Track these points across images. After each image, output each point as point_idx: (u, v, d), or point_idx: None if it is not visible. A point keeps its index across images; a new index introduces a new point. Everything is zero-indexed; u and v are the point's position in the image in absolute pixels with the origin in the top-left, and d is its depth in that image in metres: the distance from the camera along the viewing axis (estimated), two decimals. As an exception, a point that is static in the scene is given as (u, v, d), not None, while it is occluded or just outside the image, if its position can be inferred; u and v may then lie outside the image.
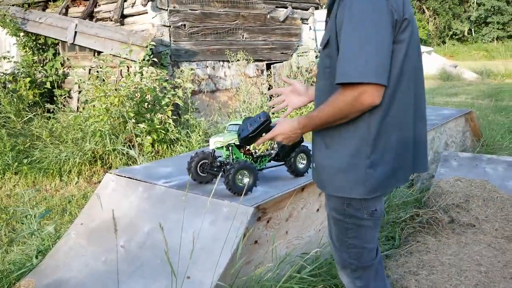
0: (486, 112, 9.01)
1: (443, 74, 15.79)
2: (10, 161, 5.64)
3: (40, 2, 9.18)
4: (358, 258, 2.01)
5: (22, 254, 3.18)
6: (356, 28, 1.68)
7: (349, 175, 1.87)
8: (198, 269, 2.35)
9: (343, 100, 1.72)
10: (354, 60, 1.66)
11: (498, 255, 3.32)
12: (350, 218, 1.94)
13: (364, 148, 1.83)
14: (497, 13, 29.83)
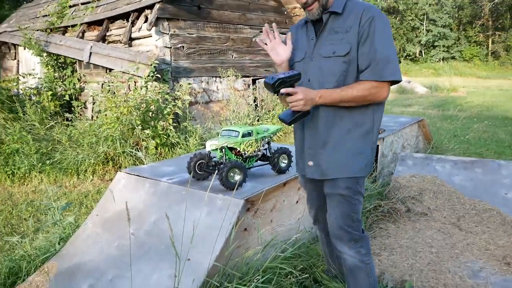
0: (435, 120, 9.15)
1: (399, 88, 15.94)
2: (35, 162, 5.60)
3: (61, 27, 9.12)
4: (359, 229, 2.13)
5: (46, 241, 3.15)
6: (387, 38, 1.92)
7: (363, 158, 2.04)
8: (197, 252, 2.35)
9: (373, 92, 1.93)
10: (394, 63, 1.90)
11: (446, 238, 3.36)
12: (357, 195, 2.07)
13: (371, 134, 2.04)
14: (443, 38, 30.25)
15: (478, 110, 10.74)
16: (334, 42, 1.97)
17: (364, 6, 1.96)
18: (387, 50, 1.89)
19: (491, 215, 3.58)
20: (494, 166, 4.01)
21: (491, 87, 18.41)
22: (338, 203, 2.08)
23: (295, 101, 1.91)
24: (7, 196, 4.95)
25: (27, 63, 10.18)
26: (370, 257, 2.18)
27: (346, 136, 2.01)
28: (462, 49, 30.48)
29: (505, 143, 6.94)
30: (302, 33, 2.19)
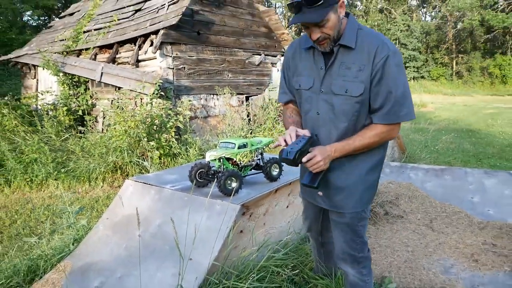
0: (408, 132, 9.20)
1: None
2: (51, 170, 5.54)
3: (75, 50, 9.09)
4: (363, 251, 1.97)
5: (61, 242, 3.10)
6: (401, 78, 1.68)
7: (371, 190, 1.90)
8: (198, 253, 2.31)
9: (384, 135, 1.75)
10: (407, 103, 1.70)
11: (421, 238, 3.35)
12: (363, 221, 1.91)
13: (381, 165, 1.88)
14: (413, 60, 30.57)
15: (445, 124, 10.83)
16: (346, 79, 1.71)
17: (378, 41, 1.69)
18: (401, 90, 1.67)
19: (459, 217, 3.58)
20: (461, 174, 4.02)
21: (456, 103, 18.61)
22: (343, 231, 1.94)
23: (315, 163, 1.70)
24: (26, 201, 4.88)
25: (45, 82, 10.11)
26: (371, 276, 2.06)
27: (359, 171, 1.85)
28: (430, 69, 30.81)
29: (470, 152, 6.99)
30: (307, 57, 1.88)
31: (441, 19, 31.81)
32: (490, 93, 24.49)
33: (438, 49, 31.72)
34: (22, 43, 16.42)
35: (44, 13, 25.29)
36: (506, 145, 7.53)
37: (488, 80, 27.65)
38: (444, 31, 31.62)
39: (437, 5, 32.56)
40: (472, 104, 18.23)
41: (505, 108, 15.68)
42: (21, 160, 5.68)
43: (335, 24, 1.65)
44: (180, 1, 7.45)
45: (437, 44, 31.79)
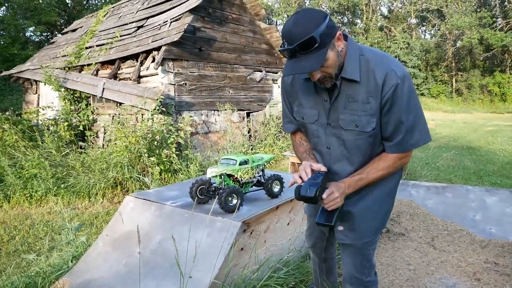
0: (408, 149, 9.20)
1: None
2: (51, 185, 5.52)
3: (77, 66, 9.18)
4: (370, 275, 1.91)
5: (60, 259, 3.08)
6: (412, 104, 1.59)
7: (385, 218, 1.86)
8: (198, 270, 2.30)
9: (398, 164, 1.67)
10: (420, 127, 1.61)
11: (422, 257, 3.33)
12: (374, 245, 1.86)
13: (395, 191, 1.84)
14: (413, 77, 30.80)
15: (446, 141, 10.85)
16: (355, 113, 1.61)
17: (385, 68, 1.56)
18: (412, 117, 1.58)
19: (461, 235, 3.56)
20: (463, 191, 4.01)
21: (456, 120, 18.69)
22: (353, 254, 1.87)
23: (333, 199, 1.61)
24: (25, 217, 4.86)
25: (47, 97, 10.18)
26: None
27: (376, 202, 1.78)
28: (430, 86, 31.02)
29: (471, 170, 6.98)
30: (307, 86, 1.74)
31: (441, 37, 32.19)
32: (489, 111, 24.62)
33: (437, 66, 32.01)
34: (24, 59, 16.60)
35: (46, 29, 25.62)
36: (506, 163, 7.54)
37: (487, 98, 27.84)
38: (443, 49, 31.97)
39: (436, 23, 33.00)
40: (472, 121, 18.30)
41: (505, 125, 15.74)
42: (21, 176, 5.67)
43: (335, 61, 1.54)
44: (182, 18, 7.56)
45: (436, 61, 32.09)
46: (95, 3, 29.71)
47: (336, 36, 1.51)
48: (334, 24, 1.50)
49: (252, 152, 8.06)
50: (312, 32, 1.41)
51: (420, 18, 35.77)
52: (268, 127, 9.06)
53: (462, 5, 30.05)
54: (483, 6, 30.88)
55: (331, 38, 1.49)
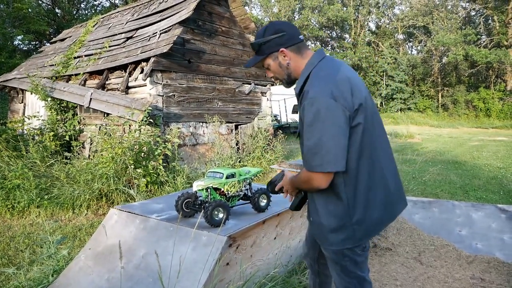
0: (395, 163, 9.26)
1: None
2: (34, 196, 5.39)
3: (65, 76, 9.10)
4: (361, 284, 1.89)
5: (40, 273, 2.99)
6: (314, 128, 1.62)
7: (339, 233, 1.81)
8: (182, 286, 2.25)
9: (307, 180, 1.72)
10: (321, 154, 1.61)
11: (409, 272, 3.32)
12: (346, 257, 1.84)
13: (347, 212, 1.76)
14: (400, 92, 31.24)
15: (432, 155, 10.96)
16: (300, 123, 1.78)
17: (306, 87, 1.72)
18: (313, 141, 1.62)
19: (447, 250, 3.56)
20: (449, 206, 4.03)
21: (442, 135, 18.93)
22: (331, 264, 1.93)
23: (284, 190, 1.98)
24: (6, 228, 4.73)
25: (33, 106, 10.05)
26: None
27: (321, 212, 1.84)
28: (417, 101, 31.47)
29: (457, 184, 7.04)
30: None
31: (427, 53, 32.81)
32: (475, 126, 25.03)
33: (424, 81, 32.54)
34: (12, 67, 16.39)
35: (35, 38, 25.41)
36: (491, 178, 7.63)
37: (472, 113, 28.33)
38: (429, 64, 32.57)
39: (423, 39, 33.67)
40: (457, 136, 18.57)
41: (489, 140, 16.00)
42: (3, 186, 5.54)
43: (276, 69, 1.85)
44: (172, 30, 7.57)
45: (423, 77, 32.63)
46: (85, 13, 29.65)
47: (279, 51, 1.81)
48: (281, 42, 1.79)
49: (240, 164, 8.03)
50: (254, 40, 1.86)
51: (407, 34, 36.48)
52: (256, 140, 9.05)
53: (447, 23, 30.76)
54: (468, 24, 31.67)
55: (272, 51, 1.82)
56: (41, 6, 27.05)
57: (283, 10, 35.78)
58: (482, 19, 30.77)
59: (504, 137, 17.65)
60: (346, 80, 1.68)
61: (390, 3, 35.96)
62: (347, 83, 1.67)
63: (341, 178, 1.73)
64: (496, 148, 12.78)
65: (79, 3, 30.31)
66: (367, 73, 33.39)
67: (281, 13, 35.91)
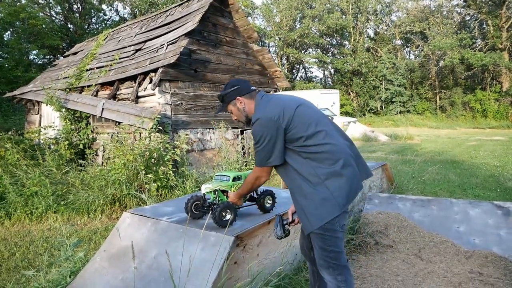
0: (395, 163, 9.24)
1: (364, 137, 16.16)
2: (51, 202, 5.47)
3: (78, 87, 9.21)
4: (336, 259, 2.11)
5: (59, 274, 3.03)
6: (256, 134, 2.11)
7: (310, 214, 2.06)
8: (193, 284, 2.27)
9: (256, 174, 2.27)
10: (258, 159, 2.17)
11: (410, 267, 3.32)
12: (328, 231, 2.06)
13: (312, 194, 2.06)
14: (399, 95, 31.09)
15: (431, 155, 10.90)
16: None
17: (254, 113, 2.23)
18: (258, 147, 2.12)
19: (446, 246, 3.56)
20: (447, 204, 4.03)
21: (440, 136, 18.82)
22: (315, 239, 2.12)
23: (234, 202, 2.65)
24: (26, 233, 4.80)
25: (48, 117, 10.16)
26: (347, 284, 2.14)
27: (295, 201, 2.15)
28: (415, 104, 31.30)
29: (455, 183, 7.01)
30: None
31: (424, 57, 32.64)
32: (472, 126, 24.83)
33: (422, 85, 32.38)
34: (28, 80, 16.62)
35: (49, 52, 25.73)
36: (488, 176, 7.58)
37: (469, 114, 28.12)
38: (427, 68, 32.40)
39: (420, 44, 33.56)
40: (455, 136, 18.45)
41: (486, 140, 15.88)
42: (22, 193, 5.61)
43: (236, 112, 2.35)
44: (178, 41, 7.65)
45: (421, 80, 32.47)
46: (96, 28, 29.98)
47: (236, 99, 2.31)
48: (237, 93, 2.30)
49: (246, 168, 8.05)
50: (220, 95, 2.36)
51: (405, 39, 36.36)
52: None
53: (443, 28, 30.64)
54: (463, 28, 31.52)
55: (231, 99, 2.32)
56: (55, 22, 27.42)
57: (285, 19, 35.81)
58: (477, 23, 30.62)
59: (501, 136, 17.52)
60: (279, 104, 2.15)
61: (388, 10, 35.87)
62: (280, 106, 2.14)
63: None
64: (493, 148, 12.69)
65: (90, 18, 30.67)
66: (367, 78, 33.31)
67: (283, 22, 35.97)
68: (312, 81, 39.53)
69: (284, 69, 37.34)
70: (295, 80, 38.66)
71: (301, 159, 2.09)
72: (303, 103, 2.20)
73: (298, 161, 2.09)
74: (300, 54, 36.31)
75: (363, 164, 2.23)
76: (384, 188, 5.75)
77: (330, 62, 36.55)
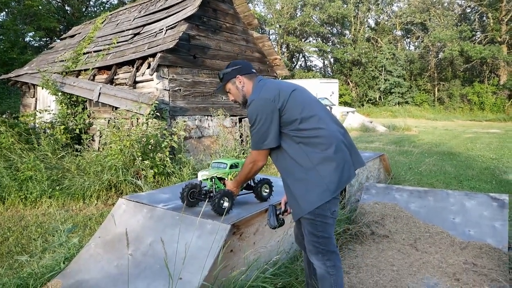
0: (393, 154, 9.25)
1: (362, 127, 16.13)
2: (46, 188, 5.41)
3: (75, 71, 9.09)
4: (326, 245, 2.12)
5: (52, 260, 3.00)
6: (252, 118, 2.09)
7: (301, 198, 2.07)
8: (188, 272, 2.26)
9: (252, 157, 2.21)
10: (254, 141, 2.13)
11: (405, 258, 3.33)
12: (319, 217, 2.06)
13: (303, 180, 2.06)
14: (398, 86, 31.00)
15: (428, 147, 10.91)
16: None
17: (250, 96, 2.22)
18: (253, 129, 2.11)
19: (442, 237, 3.57)
20: (443, 195, 4.02)
21: (438, 127, 18.82)
22: (305, 224, 2.14)
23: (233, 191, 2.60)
24: (19, 218, 4.76)
25: (44, 101, 10.05)
26: (336, 270, 2.15)
27: (287, 186, 2.17)
28: (414, 95, 31.24)
29: (452, 174, 7.03)
30: None
31: (424, 49, 32.46)
32: (469, 119, 24.85)
33: (421, 76, 32.27)
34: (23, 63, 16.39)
35: (45, 35, 25.35)
36: (484, 168, 7.60)
37: (467, 107, 28.12)
38: (426, 60, 32.25)
39: (420, 36, 33.35)
40: (452, 128, 18.46)
41: (483, 132, 15.91)
42: (16, 178, 5.56)
43: (235, 91, 2.33)
44: (177, 26, 7.53)
45: (420, 72, 32.34)
46: (94, 10, 29.54)
47: (236, 78, 2.31)
48: (238, 71, 2.31)
49: (243, 156, 8.03)
50: (221, 72, 2.38)
51: (405, 30, 36.11)
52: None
53: (444, 19, 30.41)
54: (463, 21, 31.29)
55: (231, 77, 2.32)
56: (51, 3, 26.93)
57: (286, 7, 35.40)
58: (477, 16, 30.40)
59: (497, 129, 17.55)
60: (275, 87, 2.15)
61: (389, 0, 35.55)
62: (275, 89, 2.13)
63: None
64: (489, 140, 12.72)
65: (88, 0, 30.18)
66: (366, 68, 33.13)
67: (284, 10, 35.58)
68: (312, 70, 39.32)
69: (284, 57, 37.06)
70: (295, 68, 38.42)
71: (294, 144, 2.08)
72: (298, 88, 2.21)
73: (291, 145, 2.09)
74: (300, 42, 36.01)
75: (356, 153, 2.22)
76: (381, 178, 5.74)
77: (330, 52, 36.30)
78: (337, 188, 2.04)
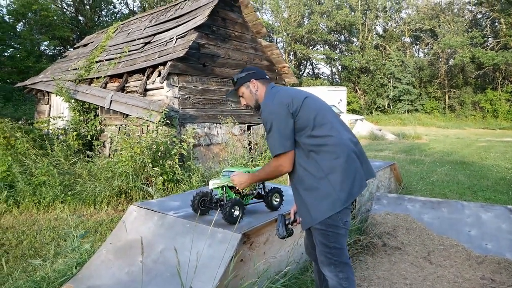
0: (403, 163, 9.13)
1: (371, 135, 15.99)
2: (58, 192, 5.48)
3: (87, 79, 9.21)
4: (338, 256, 2.08)
5: (65, 265, 3.02)
6: (267, 123, 2.07)
7: (313, 207, 2.04)
8: (199, 281, 2.23)
9: (273, 164, 2.12)
10: (270, 143, 2.08)
11: (419, 271, 3.25)
12: (331, 227, 2.04)
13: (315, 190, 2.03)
14: (407, 93, 30.76)
15: (439, 156, 10.76)
16: None
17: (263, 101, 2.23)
18: (269, 134, 2.08)
19: (457, 250, 3.48)
20: (458, 206, 3.94)
21: (449, 136, 18.60)
22: (316, 235, 2.11)
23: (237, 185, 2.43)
24: (33, 222, 4.81)
25: (58, 108, 10.19)
26: (349, 283, 2.10)
27: (297, 195, 2.13)
28: (424, 103, 30.97)
29: (465, 184, 6.90)
30: None
31: (434, 55, 32.23)
32: (482, 127, 24.51)
33: (431, 83, 32.00)
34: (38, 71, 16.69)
35: (60, 44, 25.82)
36: (499, 178, 7.45)
37: (479, 114, 27.77)
38: (436, 66, 31.98)
39: (430, 42, 33.15)
40: (464, 136, 18.22)
41: (497, 141, 15.65)
42: (31, 182, 5.64)
43: (249, 96, 2.33)
44: (187, 35, 7.58)
45: (430, 79, 32.07)
46: (106, 20, 30.02)
47: (250, 82, 2.32)
48: (252, 76, 2.32)
49: (252, 164, 8.01)
50: (235, 77, 2.38)
51: (414, 37, 35.92)
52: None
53: (454, 26, 30.18)
54: (474, 26, 31.03)
55: (245, 82, 2.33)
56: (66, 14, 27.49)
57: (293, 15, 35.54)
58: (489, 21, 30.12)
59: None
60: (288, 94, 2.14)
61: (397, 7, 35.42)
62: (289, 96, 2.12)
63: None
64: (504, 149, 12.48)
65: (100, 10, 30.70)
66: (374, 76, 32.99)
67: (291, 18, 35.71)
68: (319, 77, 39.27)
69: (291, 65, 37.11)
70: (302, 76, 38.42)
71: (305, 152, 2.06)
72: (310, 96, 2.20)
73: (302, 154, 2.07)
74: (308, 50, 36.05)
75: (366, 163, 2.18)
76: (392, 188, 5.66)
77: (338, 59, 36.24)
78: (348, 198, 2.01)
